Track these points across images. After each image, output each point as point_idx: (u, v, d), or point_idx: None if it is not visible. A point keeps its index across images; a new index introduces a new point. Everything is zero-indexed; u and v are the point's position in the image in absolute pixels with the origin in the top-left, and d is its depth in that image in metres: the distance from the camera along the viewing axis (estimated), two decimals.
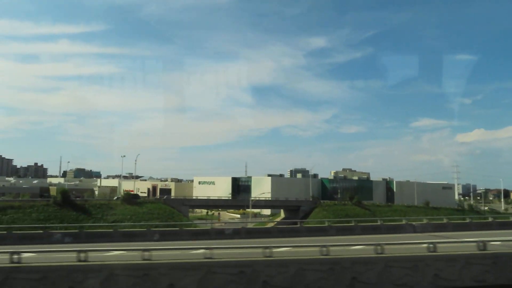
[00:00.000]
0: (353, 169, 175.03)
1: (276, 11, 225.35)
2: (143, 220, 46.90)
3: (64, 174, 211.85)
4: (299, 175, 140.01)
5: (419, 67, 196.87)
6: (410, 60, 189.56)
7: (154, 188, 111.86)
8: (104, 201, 53.11)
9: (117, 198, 57.56)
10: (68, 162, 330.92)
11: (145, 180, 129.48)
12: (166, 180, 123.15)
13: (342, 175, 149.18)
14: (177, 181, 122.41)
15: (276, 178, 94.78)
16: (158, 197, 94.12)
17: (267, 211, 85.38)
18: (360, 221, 36.86)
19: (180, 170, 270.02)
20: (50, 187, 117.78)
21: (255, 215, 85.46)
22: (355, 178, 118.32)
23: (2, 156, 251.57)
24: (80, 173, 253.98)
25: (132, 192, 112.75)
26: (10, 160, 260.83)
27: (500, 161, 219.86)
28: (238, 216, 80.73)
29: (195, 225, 42.93)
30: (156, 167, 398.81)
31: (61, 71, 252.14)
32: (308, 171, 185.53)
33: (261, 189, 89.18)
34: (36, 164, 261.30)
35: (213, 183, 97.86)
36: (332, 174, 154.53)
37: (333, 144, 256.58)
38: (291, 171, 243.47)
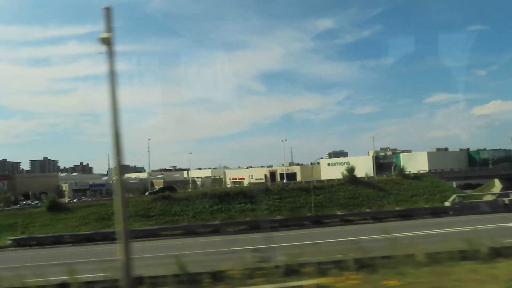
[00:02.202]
0: (391, 147, 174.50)
1: None
2: (437, 193, 46.66)
3: (109, 171, 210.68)
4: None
5: (430, 42, 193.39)
6: (420, 36, 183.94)
7: (272, 173, 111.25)
8: (385, 178, 52.98)
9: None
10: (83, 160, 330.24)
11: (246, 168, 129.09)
12: (270, 166, 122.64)
13: (385, 153, 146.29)
14: (296, 164, 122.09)
15: (431, 153, 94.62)
16: (278, 181, 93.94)
17: None
18: None
19: (198, 162, 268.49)
20: (152, 181, 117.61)
21: None
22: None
23: (48, 158, 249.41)
24: (125, 169, 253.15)
25: (241, 180, 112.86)
26: (56, 161, 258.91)
27: None
28: None
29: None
30: (172, 160, 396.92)
31: (72, 72, 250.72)
32: (347, 152, 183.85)
33: (415, 165, 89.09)
34: (81, 163, 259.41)
35: (348, 163, 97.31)
36: (372, 153, 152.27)
37: (347, 125, 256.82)
38: (329, 153, 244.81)
